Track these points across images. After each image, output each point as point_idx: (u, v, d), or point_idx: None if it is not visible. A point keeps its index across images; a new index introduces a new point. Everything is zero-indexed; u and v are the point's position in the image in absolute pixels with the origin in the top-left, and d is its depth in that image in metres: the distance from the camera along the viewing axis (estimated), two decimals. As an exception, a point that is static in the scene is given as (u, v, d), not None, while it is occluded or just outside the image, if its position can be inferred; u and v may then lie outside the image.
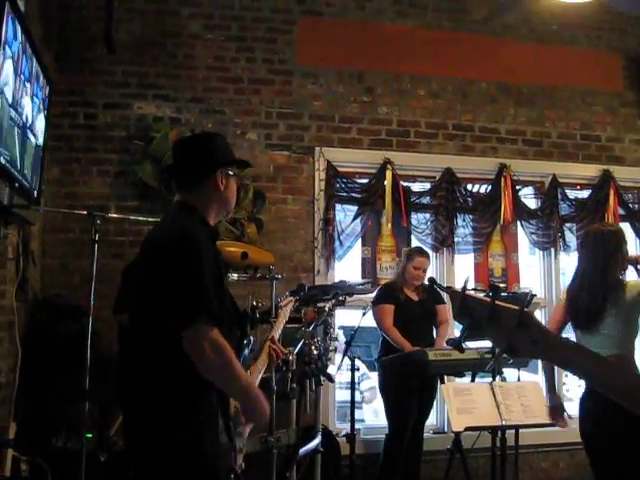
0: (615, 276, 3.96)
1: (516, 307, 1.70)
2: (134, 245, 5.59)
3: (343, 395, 6.34)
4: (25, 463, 3.89)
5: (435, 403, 6.42)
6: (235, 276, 5.15)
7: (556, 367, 4.43)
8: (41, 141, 4.40)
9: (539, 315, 6.48)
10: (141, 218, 5.19)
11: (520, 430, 5.10)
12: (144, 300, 2.64)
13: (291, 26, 6.28)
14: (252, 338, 3.47)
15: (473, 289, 5.43)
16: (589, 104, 6.89)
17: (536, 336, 1.71)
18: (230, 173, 2.89)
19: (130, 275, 4.48)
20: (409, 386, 5.57)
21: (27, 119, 3.98)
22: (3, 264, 4.21)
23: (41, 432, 4.34)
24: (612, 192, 6.69)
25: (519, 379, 5.30)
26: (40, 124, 4.35)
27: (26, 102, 3.93)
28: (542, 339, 1.72)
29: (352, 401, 5.00)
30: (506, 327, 1.71)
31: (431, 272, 6.46)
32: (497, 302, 1.72)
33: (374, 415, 7.31)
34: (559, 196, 6.66)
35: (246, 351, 3.18)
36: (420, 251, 5.91)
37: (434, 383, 5.82)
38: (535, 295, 3.59)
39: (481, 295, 1.86)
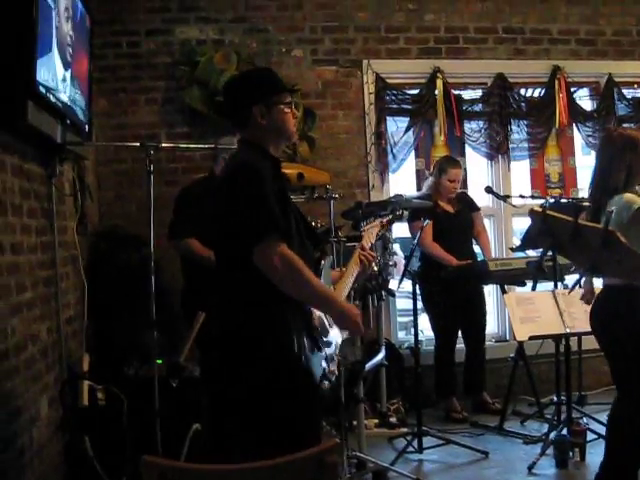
0: (615, 180, 3.66)
1: (600, 226, 1.64)
2: (186, 172, 5.63)
3: (402, 304, 6.35)
4: (101, 392, 4.00)
5: (495, 311, 6.44)
6: (292, 197, 5.11)
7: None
8: (87, 75, 4.35)
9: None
10: (192, 145, 5.18)
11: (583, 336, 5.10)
12: (221, 230, 2.83)
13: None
14: (331, 257, 3.48)
15: (530, 196, 5.39)
16: (645, -3, 6.58)
17: (622, 256, 1.66)
18: (273, 103, 2.88)
19: (188, 201, 4.54)
20: (454, 297, 5.57)
21: (72, 55, 3.91)
22: (62, 201, 4.24)
23: (113, 362, 4.45)
24: (671, 90, 6.45)
25: (581, 286, 5.23)
26: (84, 58, 4.29)
27: (69, 35, 3.86)
28: (628, 258, 1.67)
29: (414, 315, 5.01)
30: (590, 246, 1.66)
31: (487, 180, 6.40)
32: (580, 221, 1.67)
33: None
34: (615, 96, 6.44)
35: (327, 266, 3.17)
36: (453, 162, 5.74)
37: (481, 293, 5.83)
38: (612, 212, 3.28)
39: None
